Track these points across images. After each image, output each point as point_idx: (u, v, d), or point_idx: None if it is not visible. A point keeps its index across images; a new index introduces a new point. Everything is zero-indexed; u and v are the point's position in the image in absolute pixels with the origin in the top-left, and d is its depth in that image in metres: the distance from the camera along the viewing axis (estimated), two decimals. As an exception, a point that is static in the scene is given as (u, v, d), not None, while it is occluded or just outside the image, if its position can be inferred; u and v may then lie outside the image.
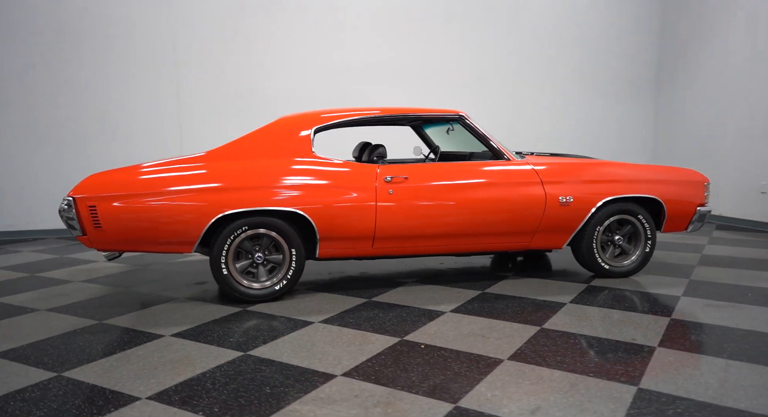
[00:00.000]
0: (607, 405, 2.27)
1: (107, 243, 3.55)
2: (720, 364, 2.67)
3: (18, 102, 6.40)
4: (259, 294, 3.73)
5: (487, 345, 2.95)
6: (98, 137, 6.60)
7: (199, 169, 3.62)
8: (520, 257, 5.17)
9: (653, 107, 8.30)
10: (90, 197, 3.46)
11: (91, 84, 6.55)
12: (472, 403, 2.30)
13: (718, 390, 2.39)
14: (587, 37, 7.93)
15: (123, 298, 3.94)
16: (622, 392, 2.38)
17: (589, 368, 2.63)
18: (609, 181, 4.17)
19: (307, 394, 2.38)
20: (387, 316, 3.46)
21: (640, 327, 3.20)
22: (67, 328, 3.32)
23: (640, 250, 4.32)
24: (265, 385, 2.48)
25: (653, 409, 2.23)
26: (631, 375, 2.55)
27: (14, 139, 6.42)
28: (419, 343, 3.00)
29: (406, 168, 3.90)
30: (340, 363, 2.73)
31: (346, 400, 2.34)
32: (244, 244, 3.70)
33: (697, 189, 4.36)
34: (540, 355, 2.81)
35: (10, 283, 4.45)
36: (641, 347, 2.90)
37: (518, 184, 4.00)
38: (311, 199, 3.67)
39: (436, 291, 4.01)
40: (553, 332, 3.13)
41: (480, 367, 2.66)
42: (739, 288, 4.00)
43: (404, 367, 2.67)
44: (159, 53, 6.67)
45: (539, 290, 4.00)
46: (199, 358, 2.82)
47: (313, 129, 3.86)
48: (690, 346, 2.90)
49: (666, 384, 2.45)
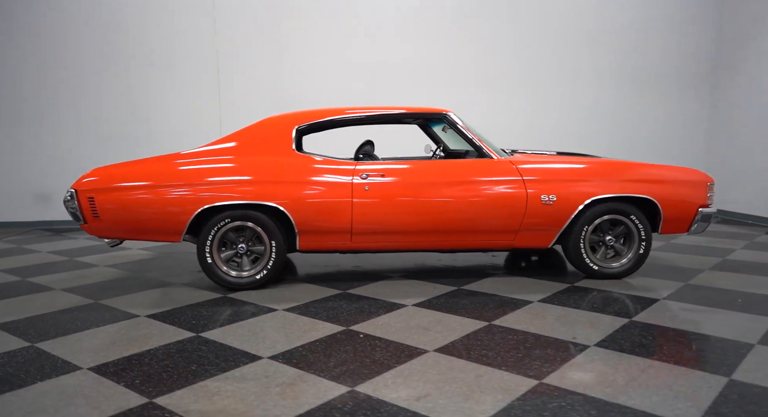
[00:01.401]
0: (495, 395, 2.32)
1: (105, 231, 3.93)
2: (642, 364, 2.61)
3: (71, 105, 7.07)
4: (241, 282, 3.98)
5: (423, 337, 3.03)
6: (145, 139, 7.15)
7: (186, 165, 3.92)
8: (534, 256, 5.13)
9: (708, 105, 7.84)
10: (89, 189, 3.85)
11: (137, 90, 7.11)
12: (368, 388, 2.41)
13: (618, 387, 2.36)
14: (628, 30, 7.62)
15: (128, 282, 4.32)
16: (519, 384, 2.42)
17: (504, 362, 2.66)
18: (597, 180, 4.08)
19: (224, 373, 2.59)
20: (349, 307, 3.61)
21: (591, 327, 3.16)
22: (66, 305, 3.72)
23: (633, 252, 4.20)
24: (193, 363, 2.71)
25: (538, 402, 2.25)
26: (542, 370, 2.57)
27: (64, 139, 7.09)
28: (360, 332, 3.13)
29: (384, 165, 4.02)
30: (274, 347, 2.91)
31: (255, 379, 2.52)
32: (229, 235, 3.97)
33: (698, 189, 4.18)
34: (468, 348, 2.86)
35: (48, 266, 4.97)
36: (575, 345, 2.88)
37: (498, 182, 4.01)
38: (289, 194, 3.88)
39: (414, 286, 4.10)
40: (498, 328, 3.16)
41: (400, 357, 2.76)
42: (733, 294, 3.81)
43: (329, 354, 2.81)
44: (202, 61, 7.13)
45: (517, 289, 4.00)
46: (155, 336, 3.10)
47: (294, 128, 4.07)
48: (626, 347, 2.85)
49: (569, 380, 2.46)
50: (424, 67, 7.44)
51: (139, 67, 7.12)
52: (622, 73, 7.69)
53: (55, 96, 7.08)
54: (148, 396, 2.35)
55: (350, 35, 7.30)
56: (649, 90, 7.74)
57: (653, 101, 7.76)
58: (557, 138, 7.59)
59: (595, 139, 7.69)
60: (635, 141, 7.77)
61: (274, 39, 7.23)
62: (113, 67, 7.09)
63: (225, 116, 7.26)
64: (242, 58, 7.23)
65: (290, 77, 7.29)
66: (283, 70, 7.28)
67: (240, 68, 7.24)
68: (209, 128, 7.10)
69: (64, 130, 7.13)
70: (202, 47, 7.14)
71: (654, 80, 7.72)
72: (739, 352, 2.77)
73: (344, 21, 7.28)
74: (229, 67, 7.22)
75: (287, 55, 7.27)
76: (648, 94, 7.75)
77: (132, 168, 3.95)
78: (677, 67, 7.73)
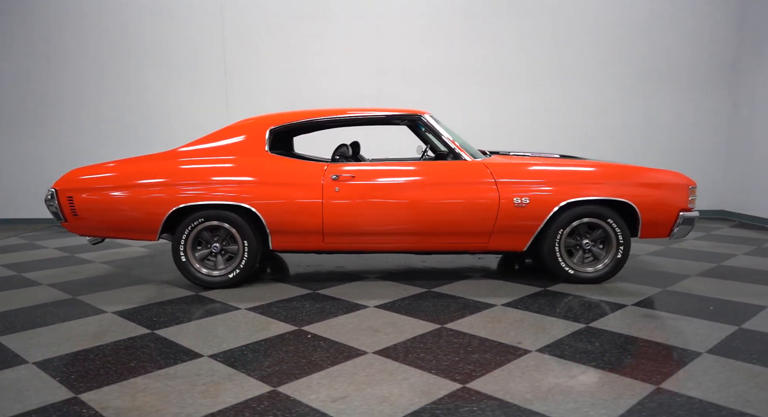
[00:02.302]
0: (412, 398, 2.32)
1: (85, 229, 4.07)
2: (575, 371, 2.56)
3: (91, 108, 7.33)
4: (214, 281, 4.07)
5: (369, 339, 3.04)
6: (155, 140, 7.34)
7: (162, 165, 4.02)
8: (528, 259, 5.05)
9: (727, 104, 7.57)
10: (68, 189, 3.99)
11: (155, 93, 7.32)
12: (290, 388, 2.44)
13: (539, 393, 2.33)
14: (648, 26, 7.41)
15: (114, 278, 4.46)
16: (441, 388, 2.41)
17: (436, 366, 2.65)
18: (571, 182, 4.01)
19: (158, 370, 2.66)
20: (311, 307, 3.64)
21: (542, 332, 3.11)
22: (44, 300, 3.87)
23: (611, 256, 4.10)
24: (134, 360, 2.79)
25: (450, 406, 2.25)
26: (471, 375, 2.55)
27: (83, 139, 7.35)
28: (310, 333, 3.16)
29: (355, 167, 4.03)
30: (220, 346, 2.97)
31: (185, 377, 2.58)
32: (204, 234, 4.06)
33: (679, 192, 4.06)
34: (408, 351, 2.86)
35: (48, 261, 5.17)
36: (516, 350, 2.84)
37: (470, 184, 3.98)
38: (260, 195, 3.94)
39: (385, 287, 4.11)
40: (448, 331, 3.14)
41: (337, 358, 2.78)
42: (709, 301, 3.69)
43: (268, 354, 2.85)
44: (211, 64, 7.29)
45: (486, 291, 3.96)
46: (111, 332, 3.20)
47: (268, 130, 4.12)
48: (567, 353, 2.80)
49: (493, 385, 2.43)
50: (434, 67, 7.41)
51: (149, 71, 7.32)
52: (635, 70, 7.48)
53: (75, 99, 7.34)
54: (76, 391, 2.43)
55: (358, 36, 7.33)
56: (663, 88, 7.51)
57: (668, 100, 7.53)
58: (572, 138, 7.47)
59: (608, 140, 7.52)
60: (650, 142, 7.55)
61: (282, 41, 7.32)
62: (126, 70, 7.30)
63: (233, 118, 7.37)
64: (250, 60, 7.35)
65: (298, 79, 7.37)
66: (291, 72, 7.37)
67: (247, 71, 7.36)
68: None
69: (82, 130, 7.41)
70: (211, 50, 7.29)
71: (668, 77, 7.49)
72: (682, 361, 2.69)
73: (352, 22, 7.32)
74: (236, 70, 7.34)
75: (295, 57, 7.36)
76: (662, 92, 7.52)
77: (109, 168, 4.07)
78: (692, 62, 7.47)
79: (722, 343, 2.93)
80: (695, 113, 7.55)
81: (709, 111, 7.56)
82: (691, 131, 7.58)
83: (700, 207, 7.54)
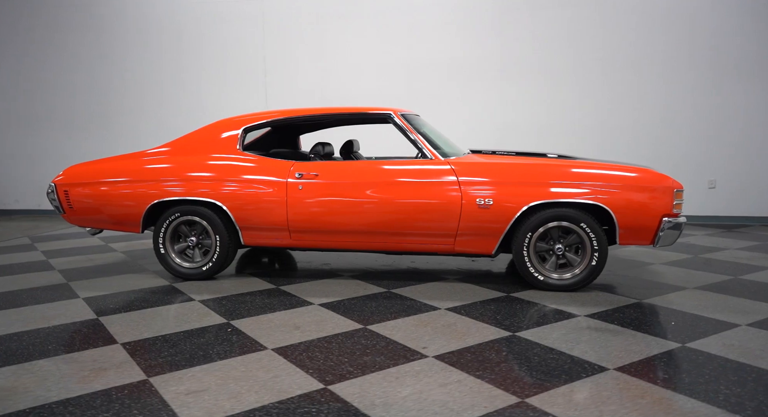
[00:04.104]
0: (263, 396, 2.35)
1: (80, 221, 4.43)
2: (453, 378, 2.46)
3: (151, 110, 7.92)
4: (189, 272, 4.28)
5: (282, 335, 3.09)
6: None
7: (145, 162, 4.29)
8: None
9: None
10: (64, 184, 4.37)
11: (207, 94, 7.78)
12: (158, 380, 2.54)
13: (396, 399, 2.27)
14: (704, 10, 6.78)
15: (116, 267, 4.81)
16: (300, 388, 2.42)
17: (317, 366, 2.65)
18: (539, 183, 3.80)
19: (69, 353, 2.86)
20: (261, 301, 3.74)
21: (458, 338, 2.99)
22: (41, 284, 4.27)
23: (585, 263, 3.85)
24: (51, 343, 3.02)
25: (291, 406, 2.24)
26: (343, 376, 2.52)
27: (134, 137, 7.94)
28: (233, 326, 3.25)
29: (318, 165, 4.08)
30: (142, 334, 3.14)
31: (88, 361, 2.76)
32: (182, 228, 4.28)
33: (662, 196, 3.72)
34: (307, 349, 2.87)
35: (79, 249, 5.68)
36: (413, 354, 2.78)
37: (432, 183, 3.89)
38: (229, 191, 4.10)
39: (349, 285, 4.12)
40: (364, 332, 3.12)
41: (233, 351, 2.86)
42: (679, 316, 3.37)
43: (175, 344, 2.98)
44: (251, 65, 7.61)
45: (443, 295, 3.85)
46: (64, 315, 3.48)
47: (241, 129, 4.27)
48: (464, 361, 2.68)
49: (354, 387, 2.40)
50: (466, 64, 7.25)
51: (201, 75, 7.77)
52: (702, 61, 6.85)
53: (121, 100, 7.96)
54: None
55: (389, 35, 7.35)
56: (734, 80, 6.83)
57: (737, 93, 6.83)
58: (631, 136, 7.02)
59: (673, 138, 6.98)
60: (716, 139, 6.89)
61: (315, 41, 7.50)
62: (180, 76, 7.81)
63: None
64: (287, 61, 7.59)
65: (329, 77, 7.51)
66: (323, 71, 7.52)
67: (285, 71, 7.61)
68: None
69: (134, 129, 8.01)
70: (252, 53, 7.61)
71: (743, 68, 6.79)
72: (579, 376, 2.50)
73: (383, 22, 7.34)
74: (275, 71, 7.61)
75: (327, 56, 7.50)
76: (733, 83, 6.84)
77: (100, 165, 4.40)
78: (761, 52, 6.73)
79: (642, 361, 2.68)
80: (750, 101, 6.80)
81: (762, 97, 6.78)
82: (745, 120, 6.82)
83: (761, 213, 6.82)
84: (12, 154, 8.34)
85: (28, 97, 8.20)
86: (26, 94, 8.20)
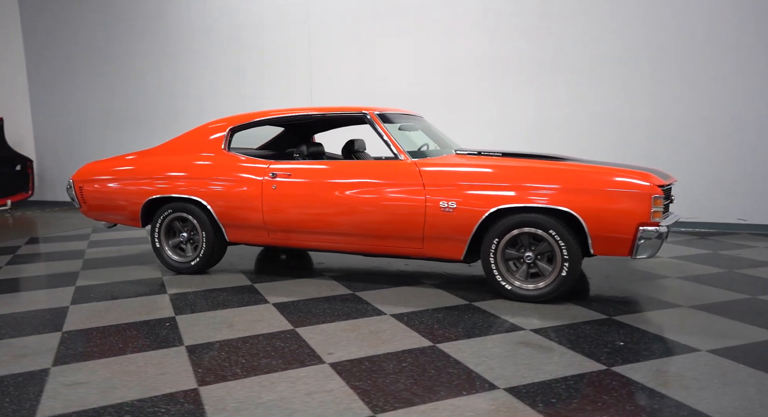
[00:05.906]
0: (137, 391, 2.43)
1: (93, 214, 4.80)
2: (329, 385, 2.41)
3: (210, 113, 8.39)
4: (180, 266, 4.50)
5: (208, 332, 3.17)
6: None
7: (145, 161, 4.57)
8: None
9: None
10: (80, 180, 4.75)
11: (259, 97, 8.12)
12: (69, 369, 2.71)
13: (257, 404, 2.27)
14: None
15: (135, 258, 5.16)
16: (174, 386, 2.47)
17: (213, 366, 2.70)
18: (507, 187, 3.58)
19: (6, 339, 3.13)
20: (222, 298, 3.85)
21: (372, 346, 2.91)
22: (62, 271, 4.69)
23: (555, 273, 3.58)
24: (4, 327, 3.32)
25: (162, 404, 2.31)
26: (224, 376, 2.56)
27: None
28: (174, 321, 3.39)
29: (293, 165, 4.12)
30: (89, 324, 3.36)
31: (37, 346, 3.01)
32: (176, 224, 4.51)
33: (638, 202, 3.36)
34: (223, 348, 2.93)
35: (120, 241, 6.15)
36: (312, 359, 2.74)
37: (397, 185, 3.81)
38: (211, 189, 4.26)
39: (319, 286, 4.12)
40: (289, 334, 3.12)
41: (151, 346, 2.98)
42: (641, 336, 3.04)
43: (106, 336, 3.15)
44: (298, 67, 7.82)
45: (402, 300, 3.75)
46: (51, 300, 3.81)
47: (227, 130, 4.41)
48: (359, 368, 2.60)
49: (224, 389, 2.42)
50: (505, 60, 6.96)
51: (253, 78, 8.11)
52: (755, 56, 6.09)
53: (185, 102, 8.47)
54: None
55: (428, 32, 7.22)
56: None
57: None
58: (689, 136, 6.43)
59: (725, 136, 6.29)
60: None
61: (357, 42, 7.53)
62: (234, 79, 8.19)
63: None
64: (331, 62, 7.70)
65: (370, 77, 7.52)
66: (364, 71, 7.54)
67: (329, 72, 7.73)
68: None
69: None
70: (300, 54, 7.81)
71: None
72: (459, 393, 2.35)
73: (422, 19, 7.22)
74: (320, 71, 7.76)
75: (367, 56, 7.51)
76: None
77: (109, 163, 4.74)
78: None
79: (542, 383, 2.45)
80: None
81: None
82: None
83: None
84: (95, 151, 9.17)
85: (107, 100, 8.98)
86: (107, 97, 8.98)
